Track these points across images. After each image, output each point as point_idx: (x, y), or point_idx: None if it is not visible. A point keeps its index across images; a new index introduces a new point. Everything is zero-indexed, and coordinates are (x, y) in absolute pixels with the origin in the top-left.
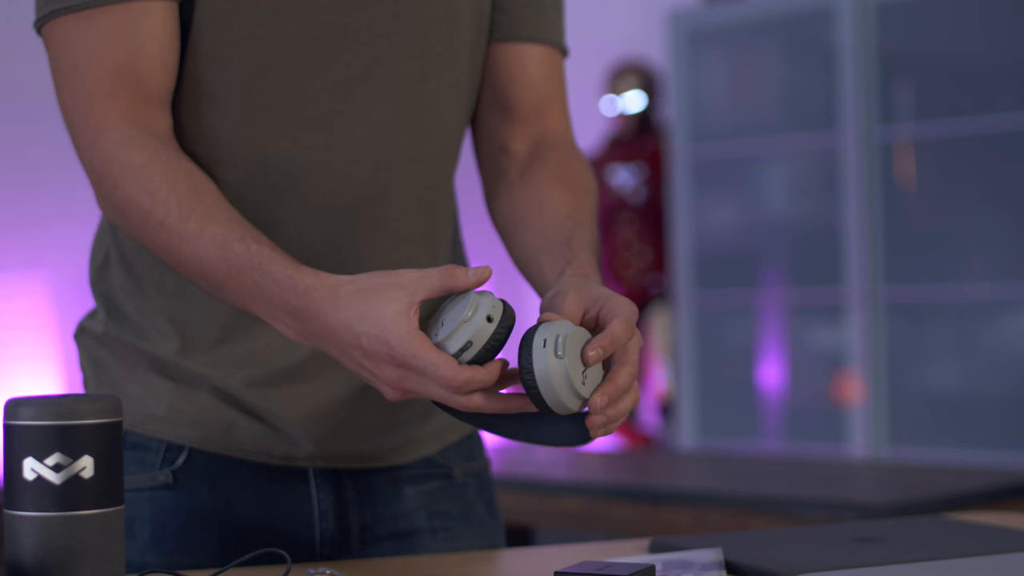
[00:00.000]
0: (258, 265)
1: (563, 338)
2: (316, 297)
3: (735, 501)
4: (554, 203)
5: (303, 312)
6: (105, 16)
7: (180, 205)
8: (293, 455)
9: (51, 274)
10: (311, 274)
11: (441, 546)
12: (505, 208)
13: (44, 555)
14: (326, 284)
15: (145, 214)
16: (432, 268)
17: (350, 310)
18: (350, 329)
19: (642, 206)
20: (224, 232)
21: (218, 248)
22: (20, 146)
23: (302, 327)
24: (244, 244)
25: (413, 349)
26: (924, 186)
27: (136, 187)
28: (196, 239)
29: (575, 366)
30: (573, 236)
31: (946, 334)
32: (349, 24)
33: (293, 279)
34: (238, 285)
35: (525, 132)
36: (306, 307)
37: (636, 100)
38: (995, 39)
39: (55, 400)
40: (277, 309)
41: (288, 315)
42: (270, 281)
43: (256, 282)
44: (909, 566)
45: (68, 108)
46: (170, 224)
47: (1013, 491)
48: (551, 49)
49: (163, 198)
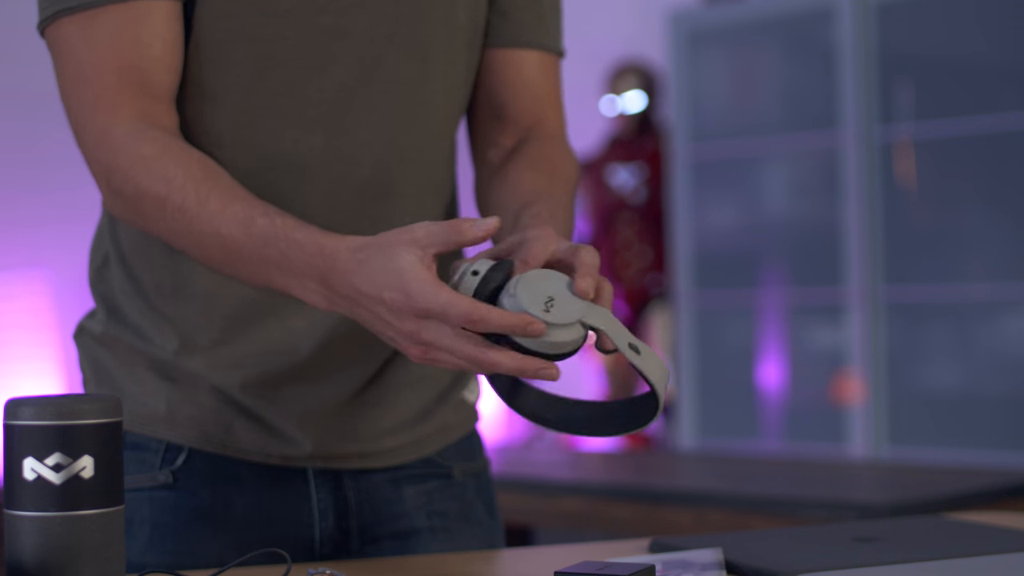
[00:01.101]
0: (284, 235)
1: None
2: (342, 259)
3: (735, 501)
4: (521, 185)
5: (331, 275)
6: (109, 16)
7: (197, 189)
8: (292, 455)
9: (51, 274)
10: (336, 238)
11: (440, 546)
12: (483, 200)
13: (44, 555)
14: (350, 246)
15: (161, 202)
16: (442, 222)
17: (372, 266)
18: (374, 284)
19: (642, 206)
20: (246, 208)
21: (241, 224)
22: (21, 146)
23: (330, 291)
24: (268, 218)
25: (431, 293)
26: (924, 186)
27: (149, 177)
28: (218, 218)
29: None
30: (526, 205)
31: (946, 334)
32: (350, 26)
33: (320, 243)
34: (263, 258)
35: (516, 131)
36: (333, 269)
37: (636, 100)
38: (995, 39)
39: (55, 400)
40: (305, 277)
41: (316, 281)
42: (296, 248)
43: (283, 252)
44: (909, 566)
45: (74, 109)
46: (189, 208)
47: (1013, 491)
48: (548, 54)
49: (179, 184)
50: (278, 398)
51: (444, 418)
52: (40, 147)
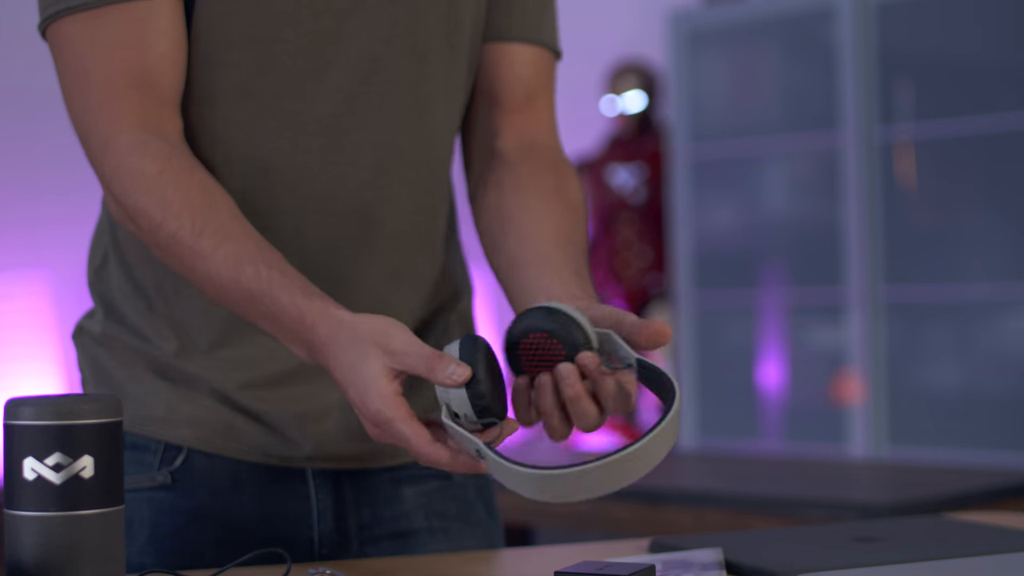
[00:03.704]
0: (268, 291)
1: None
2: (321, 334)
3: (735, 501)
4: (554, 220)
5: (311, 346)
6: (113, 15)
7: (193, 220)
8: (291, 456)
9: (51, 274)
10: (318, 307)
11: (440, 546)
12: (493, 208)
13: (44, 555)
14: (330, 322)
15: (157, 225)
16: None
17: (343, 359)
18: (343, 374)
19: (642, 206)
20: (237, 252)
21: (231, 269)
22: (21, 146)
23: (312, 358)
24: (255, 267)
25: (389, 414)
26: (924, 186)
27: (148, 198)
28: (209, 257)
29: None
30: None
31: (946, 334)
32: (347, 28)
33: (301, 311)
34: (252, 309)
35: (513, 129)
36: (312, 342)
37: (636, 100)
38: (995, 39)
39: (55, 400)
40: (289, 339)
41: (299, 345)
42: (280, 311)
43: (269, 308)
44: (909, 566)
45: (77, 111)
46: (183, 239)
47: (1013, 491)
48: (541, 49)
49: (176, 211)
50: (277, 399)
51: None
52: (40, 147)
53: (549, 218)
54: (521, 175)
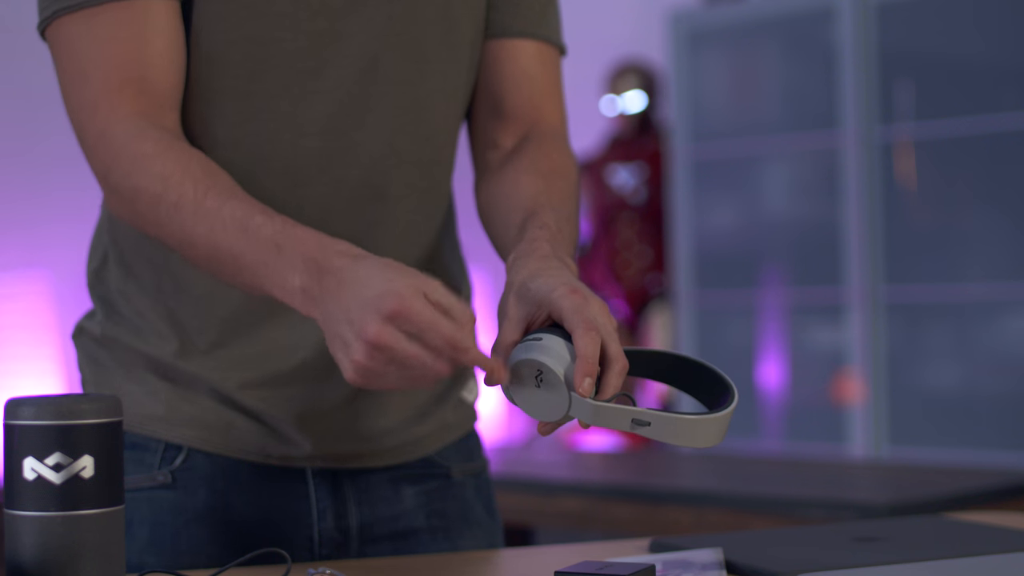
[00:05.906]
0: (281, 230)
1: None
2: (342, 249)
3: (735, 501)
4: (520, 188)
5: (324, 264)
6: (111, 14)
7: (196, 187)
8: (291, 455)
9: (51, 274)
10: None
11: (439, 546)
12: (482, 200)
13: (44, 555)
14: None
15: (156, 199)
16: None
17: (373, 269)
18: (368, 281)
19: (642, 206)
20: (244, 207)
21: (237, 222)
22: (21, 146)
23: (310, 281)
24: (266, 216)
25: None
26: (924, 186)
27: (147, 175)
28: (213, 215)
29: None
30: (531, 215)
31: (946, 334)
32: (345, 28)
33: (319, 236)
34: (254, 253)
35: (515, 128)
36: (328, 259)
37: (636, 100)
38: (995, 39)
39: (55, 400)
40: (291, 268)
41: (301, 271)
42: (293, 240)
43: (277, 244)
44: (909, 566)
45: (75, 108)
46: (185, 205)
47: (1013, 491)
48: (545, 45)
49: (176, 181)
50: (277, 398)
51: (443, 418)
52: (40, 147)
53: (515, 191)
54: (507, 163)
